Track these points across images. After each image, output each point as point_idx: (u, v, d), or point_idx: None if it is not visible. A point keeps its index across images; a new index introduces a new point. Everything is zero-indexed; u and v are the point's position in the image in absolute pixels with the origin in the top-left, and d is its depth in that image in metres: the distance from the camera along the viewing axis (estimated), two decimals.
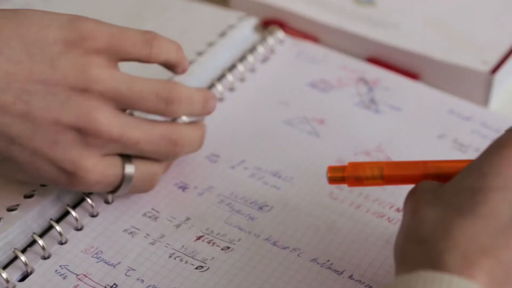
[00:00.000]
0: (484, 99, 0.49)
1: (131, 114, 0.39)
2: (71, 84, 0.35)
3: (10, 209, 0.38)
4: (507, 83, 0.50)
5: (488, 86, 0.48)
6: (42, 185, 0.39)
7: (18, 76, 0.35)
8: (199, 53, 0.49)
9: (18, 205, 0.39)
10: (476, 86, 0.48)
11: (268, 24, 0.53)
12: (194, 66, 0.48)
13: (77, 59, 0.36)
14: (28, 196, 0.39)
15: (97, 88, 0.36)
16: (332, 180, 0.36)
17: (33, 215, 0.39)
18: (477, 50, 0.50)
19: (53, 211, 0.39)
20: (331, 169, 0.36)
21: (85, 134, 0.36)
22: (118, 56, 0.37)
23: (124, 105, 0.37)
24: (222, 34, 0.50)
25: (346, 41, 0.52)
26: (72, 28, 0.36)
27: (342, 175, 0.35)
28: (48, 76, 0.35)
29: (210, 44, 0.49)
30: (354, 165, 0.35)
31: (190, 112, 0.40)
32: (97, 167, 0.36)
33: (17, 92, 0.35)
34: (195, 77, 0.47)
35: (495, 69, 0.48)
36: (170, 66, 0.40)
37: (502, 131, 0.45)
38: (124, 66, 0.39)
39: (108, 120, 0.36)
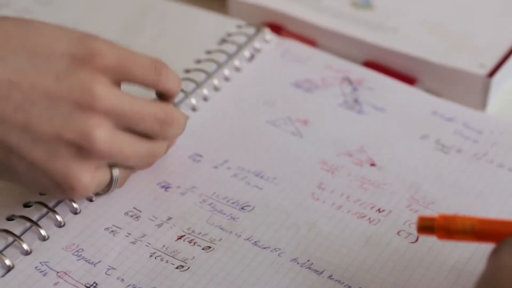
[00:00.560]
0: (482, 103, 0.49)
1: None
2: (75, 99, 0.36)
3: None
4: (504, 86, 0.50)
5: (485, 90, 0.48)
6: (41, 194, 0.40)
7: (21, 86, 0.35)
8: (198, 61, 0.49)
9: None
10: (474, 89, 0.49)
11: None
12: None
13: (83, 76, 0.36)
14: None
15: (101, 106, 0.36)
16: (421, 229, 0.35)
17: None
18: (475, 53, 0.50)
19: (36, 210, 0.40)
20: (421, 219, 0.35)
21: (84, 150, 0.36)
22: (124, 77, 0.38)
23: (123, 124, 0.37)
24: (221, 42, 0.50)
25: (344, 44, 0.52)
26: (82, 45, 0.37)
27: (432, 225, 0.34)
28: (52, 89, 0.35)
29: (209, 52, 0.49)
30: (445, 218, 0.34)
31: (176, 133, 0.41)
32: (93, 180, 0.37)
33: (18, 102, 0.35)
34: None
35: (492, 73, 0.48)
36: (168, 97, 0.40)
37: (484, 132, 0.45)
38: None
39: (107, 139, 0.36)
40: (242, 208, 0.41)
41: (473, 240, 0.34)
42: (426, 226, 0.35)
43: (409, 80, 0.50)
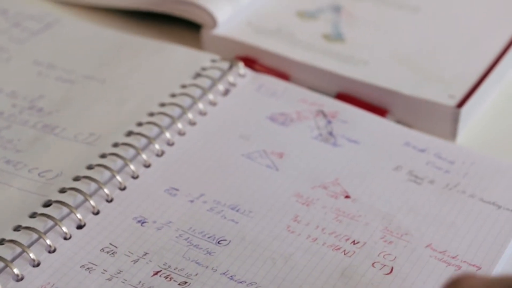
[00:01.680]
0: (452, 133, 0.50)
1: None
2: None
3: None
4: (473, 117, 0.51)
5: (455, 120, 0.49)
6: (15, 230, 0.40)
7: None
8: (173, 95, 0.49)
9: None
10: (444, 120, 0.50)
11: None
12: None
13: None
14: None
15: None
16: None
17: None
18: (444, 84, 0.51)
19: (10, 249, 0.40)
20: None
21: None
22: None
23: None
24: (196, 76, 0.51)
25: (317, 77, 0.53)
26: None
27: None
28: None
29: (184, 86, 0.50)
30: None
31: None
32: None
33: None
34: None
35: (461, 103, 0.49)
36: None
37: (456, 163, 0.46)
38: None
39: None
40: (218, 242, 0.42)
41: None
42: None
43: (380, 111, 0.51)
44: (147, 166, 0.45)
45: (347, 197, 0.44)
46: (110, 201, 0.43)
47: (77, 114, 0.49)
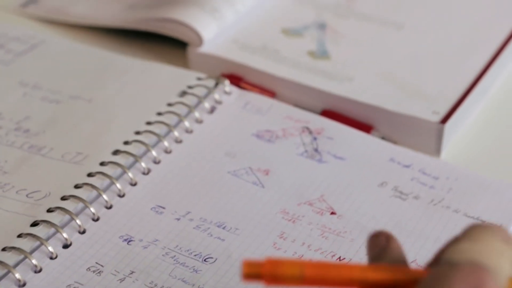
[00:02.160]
0: (436, 149, 0.50)
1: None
2: None
3: None
4: (457, 133, 0.52)
5: (439, 136, 0.50)
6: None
7: None
8: (159, 113, 0.49)
9: None
10: (428, 136, 0.50)
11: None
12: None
13: None
14: None
15: None
16: (247, 276, 0.31)
17: None
18: (428, 101, 0.51)
19: None
20: (247, 264, 0.31)
21: None
22: None
23: None
24: (182, 94, 0.51)
25: (302, 94, 0.53)
26: None
27: (259, 272, 0.31)
28: None
29: (170, 105, 0.50)
30: (272, 263, 0.32)
31: None
32: None
33: None
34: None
35: (445, 119, 0.50)
36: None
37: (440, 178, 0.47)
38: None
39: None
40: (205, 260, 0.42)
41: (302, 284, 0.32)
42: (253, 273, 0.31)
43: (365, 127, 0.51)
44: (133, 184, 0.45)
45: (332, 213, 0.45)
46: (96, 220, 0.43)
47: (64, 134, 0.49)
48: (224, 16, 0.57)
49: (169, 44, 0.58)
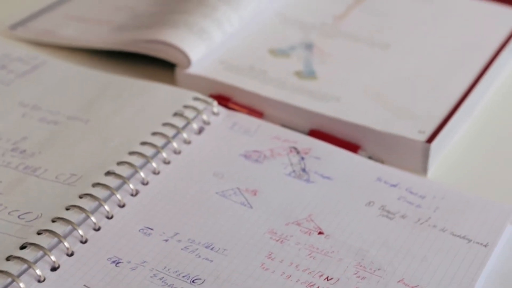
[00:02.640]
0: (423, 168, 0.51)
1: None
2: None
3: None
4: (443, 152, 0.52)
5: (425, 155, 0.50)
6: None
7: None
8: (154, 133, 0.50)
9: None
10: (414, 155, 0.51)
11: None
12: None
13: None
14: None
15: None
16: None
17: None
18: (414, 120, 0.52)
19: None
20: None
21: None
22: None
23: None
24: (175, 114, 0.51)
25: (290, 114, 0.54)
26: None
27: None
28: None
29: (165, 124, 0.50)
30: None
31: None
32: None
33: None
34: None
35: (431, 138, 0.50)
36: None
37: (426, 198, 0.47)
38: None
39: None
40: (193, 281, 0.42)
41: None
42: None
43: (353, 147, 0.52)
44: (122, 206, 0.46)
45: (320, 233, 0.45)
46: (84, 242, 0.43)
47: (59, 154, 0.49)
48: (212, 37, 0.58)
49: (157, 65, 0.59)
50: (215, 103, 0.53)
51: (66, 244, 0.42)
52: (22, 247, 0.42)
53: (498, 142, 0.54)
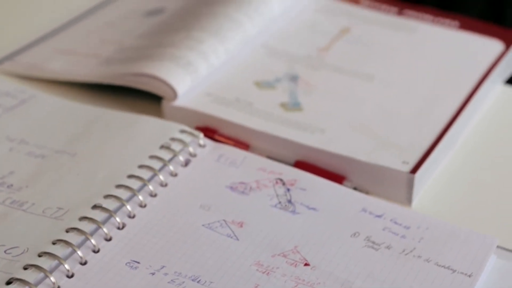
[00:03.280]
0: (407, 198, 0.51)
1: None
2: None
3: None
4: (427, 182, 0.53)
5: (409, 185, 0.51)
6: None
7: None
8: (140, 166, 0.50)
9: None
10: (399, 185, 0.51)
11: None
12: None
13: None
14: None
15: None
16: None
17: None
18: (398, 151, 0.52)
19: None
20: None
21: None
22: None
23: None
24: (162, 147, 0.52)
25: (275, 145, 0.54)
26: None
27: None
28: None
29: (152, 157, 0.51)
30: None
31: None
32: None
33: None
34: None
35: (415, 169, 0.51)
36: None
37: (411, 228, 0.48)
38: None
39: None
40: None
41: None
42: None
43: (338, 178, 0.52)
44: (108, 239, 0.46)
45: (306, 264, 0.45)
46: (70, 276, 0.43)
47: (46, 189, 0.49)
48: (198, 70, 0.58)
49: (144, 98, 0.59)
50: (201, 135, 0.54)
51: (52, 279, 0.42)
52: (8, 283, 0.42)
53: (481, 172, 0.55)
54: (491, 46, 0.64)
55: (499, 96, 0.62)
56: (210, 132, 0.55)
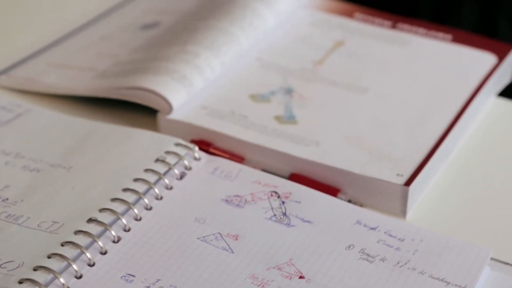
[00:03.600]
0: (402, 210, 0.51)
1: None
2: None
3: None
4: (421, 194, 0.53)
5: (404, 198, 0.51)
6: None
7: None
8: (135, 179, 0.50)
9: None
10: (393, 198, 0.51)
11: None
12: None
13: None
14: None
15: None
16: None
17: None
18: (392, 163, 0.53)
19: None
20: None
21: None
22: None
23: None
24: (157, 160, 0.52)
25: (270, 158, 0.54)
26: None
27: None
28: None
29: (147, 170, 0.51)
30: None
31: None
32: None
33: None
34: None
35: (409, 182, 0.51)
36: None
37: (405, 240, 0.48)
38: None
39: None
40: None
41: None
42: None
43: (332, 190, 0.52)
44: (104, 253, 0.46)
45: (301, 277, 0.45)
46: None
47: (41, 202, 0.49)
48: (193, 83, 0.59)
49: (140, 111, 0.60)
50: (196, 148, 0.54)
51: None
52: None
53: (475, 184, 0.55)
54: (484, 59, 0.64)
55: (492, 108, 0.63)
56: (205, 145, 0.56)
